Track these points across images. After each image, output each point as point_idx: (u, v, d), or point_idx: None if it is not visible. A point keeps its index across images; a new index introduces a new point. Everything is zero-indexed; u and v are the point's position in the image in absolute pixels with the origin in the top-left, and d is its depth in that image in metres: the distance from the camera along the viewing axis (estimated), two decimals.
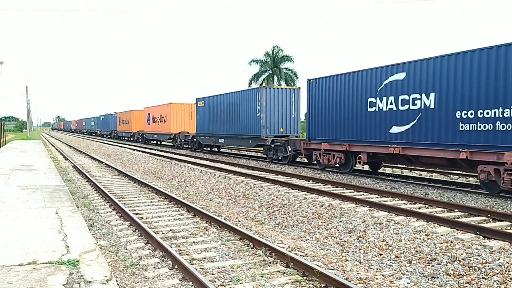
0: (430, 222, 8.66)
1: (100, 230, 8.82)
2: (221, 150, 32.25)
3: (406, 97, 13.59)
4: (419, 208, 10.23)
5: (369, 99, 15.12)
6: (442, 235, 7.81)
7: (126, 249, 7.52)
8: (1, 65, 39.98)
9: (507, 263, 6.45)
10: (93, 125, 76.80)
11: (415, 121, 13.30)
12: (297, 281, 5.95)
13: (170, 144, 38.83)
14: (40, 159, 22.83)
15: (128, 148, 35.07)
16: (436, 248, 7.38)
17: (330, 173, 17.04)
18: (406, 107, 13.63)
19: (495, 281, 6.10)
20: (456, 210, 9.89)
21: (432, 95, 12.71)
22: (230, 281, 5.98)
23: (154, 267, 6.58)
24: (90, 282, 5.18)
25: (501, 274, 6.22)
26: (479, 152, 11.30)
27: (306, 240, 9.09)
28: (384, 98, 14.46)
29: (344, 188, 13.06)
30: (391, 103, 14.23)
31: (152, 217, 10.10)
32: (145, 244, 7.81)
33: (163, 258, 6.93)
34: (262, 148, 23.60)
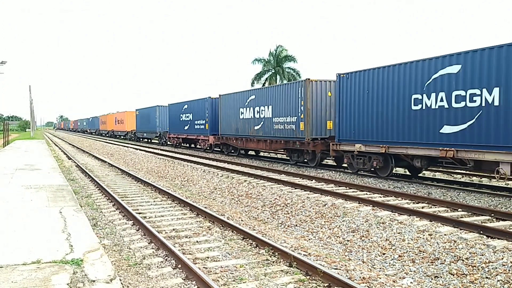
0: (433, 222, 8.64)
1: (104, 230, 8.85)
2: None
3: (189, 117, 32.89)
4: (422, 207, 10.21)
5: (182, 115, 33.68)
6: (445, 235, 7.79)
7: (130, 249, 7.54)
8: (4, 65, 40.06)
9: (511, 262, 6.43)
10: (85, 125, 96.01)
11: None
12: (300, 281, 5.96)
13: (126, 138, 55.51)
14: (44, 159, 22.89)
15: (131, 147, 35.13)
16: (439, 248, 7.37)
17: (333, 172, 17.04)
18: (185, 117, 33.12)
19: (498, 280, 6.08)
20: (459, 209, 9.87)
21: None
22: (234, 281, 5.98)
23: (157, 267, 6.59)
24: (94, 281, 5.20)
25: (504, 273, 6.21)
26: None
27: (309, 239, 9.08)
28: (184, 115, 33.06)
29: (347, 188, 13.04)
30: (187, 116, 32.33)
31: (155, 216, 10.12)
32: (149, 243, 7.82)
33: (167, 257, 6.94)
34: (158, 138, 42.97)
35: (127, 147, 36.00)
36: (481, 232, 7.81)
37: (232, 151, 27.06)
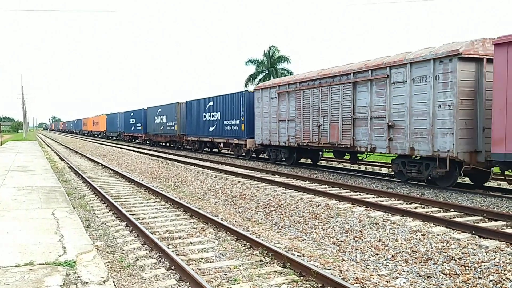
0: (426, 222, 8.69)
1: (97, 231, 8.81)
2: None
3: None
4: (415, 208, 10.26)
5: (130, 120, 48.93)
6: (438, 235, 7.84)
7: (123, 250, 7.51)
8: None
9: (503, 262, 6.48)
10: (71, 126, 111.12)
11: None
12: (294, 281, 5.97)
13: (100, 136, 68.95)
14: (36, 160, 22.76)
15: (124, 148, 35.02)
16: (432, 248, 7.41)
17: (327, 173, 17.08)
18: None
19: (491, 280, 6.12)
20: (452, 209, 9.92)
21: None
22: (227, 282, 5.98)
23: (151, 268, 6.57)
24: (87, 283, 5.18)
25: (496, 273, 6.25)
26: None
27: (303, 240, 9.10)
28: (131, 120, 48.94)
29: (341, 188, 13.08)
30: (133, 121, 48.11)
31: (149, 217, 10.10)
32: (142, 244, 7.80)
33: (160, 258, 6.93)
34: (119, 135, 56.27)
35: (120, 148, 35.87)
36: (474, 232, 7.85)
37: (154, 142, 41.54)
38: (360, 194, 12.07)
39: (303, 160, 21.74)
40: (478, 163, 11.66)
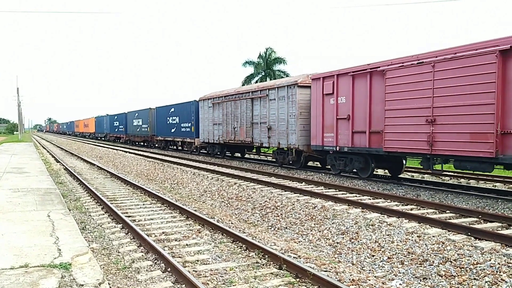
0: (422, 224, 8.71)
1: (92, 233, 8.78)
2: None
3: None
4: (411, 209, 10.28)
5: (114, 122, 55.27)
6: (433, 236, 7.85)
7: (119, 252, 7.49)
8: None
9: (498, 263, 6.50)
10: (65, 128, 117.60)
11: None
12: (290, 283, 5.96)
13: (90, 137, 74.54)
14: (32, 162, 22.67)
15: (120, 150, 34.93)
16: (428, 249, 7.43)
17: (323, 174, 17.11)
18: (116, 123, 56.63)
19: (486, 282, 6.14)
20: (447, 211, 9.96)
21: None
22: (223, 284, 5.97)
23: (146, 270, 6.55)
24: (82, 285, 5.16)
25: (492, 274, 6.27)
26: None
27: (299, 242, 9.10)
28: (115, 122, 54.79)
29: (337, 190, 13.09)
30: (117, 123, 53.98)
31: (145, 219, 10.07)
32: (138, 246, 7.78)
33: (156, 260, 6.91)
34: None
35: (116, 149, 35.79)
36: (469, 233, 7.88)
37: (133, 142, 47.28)
38: (356, 196, 12.09)
39: (239, 155, 27.97)
40: (312, 152, 17.53)
